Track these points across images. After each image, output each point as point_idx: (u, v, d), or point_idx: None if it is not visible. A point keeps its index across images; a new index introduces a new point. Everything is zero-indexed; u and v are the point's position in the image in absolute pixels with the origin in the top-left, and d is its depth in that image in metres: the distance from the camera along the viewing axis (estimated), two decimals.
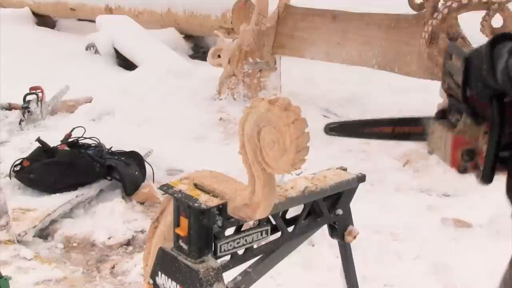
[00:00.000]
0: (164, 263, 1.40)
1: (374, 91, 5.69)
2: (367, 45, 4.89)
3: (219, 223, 1.33)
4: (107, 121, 5.26)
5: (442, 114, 1.23)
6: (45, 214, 3.31)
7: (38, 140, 3.95)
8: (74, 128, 4.24)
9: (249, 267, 1.54)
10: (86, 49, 7.94)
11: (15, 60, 6.87)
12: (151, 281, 1.44)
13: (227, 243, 1.39)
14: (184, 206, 1.34)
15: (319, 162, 2.63)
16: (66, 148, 3.97)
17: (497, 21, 3.40)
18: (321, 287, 2.72)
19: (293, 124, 1.11)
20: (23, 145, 4.55)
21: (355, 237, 1.70)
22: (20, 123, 5.10)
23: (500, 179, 4.01)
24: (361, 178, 1.66)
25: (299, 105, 1.13)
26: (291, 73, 6.11)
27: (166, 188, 1.42)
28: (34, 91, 5.25)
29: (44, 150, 3.90)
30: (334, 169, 1.67)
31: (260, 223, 1.45)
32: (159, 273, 1.41)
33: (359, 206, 1.85)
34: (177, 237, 1.38)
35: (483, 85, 1.07)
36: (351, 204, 1.69)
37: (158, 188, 2.93)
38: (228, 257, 1.46)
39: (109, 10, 9.11)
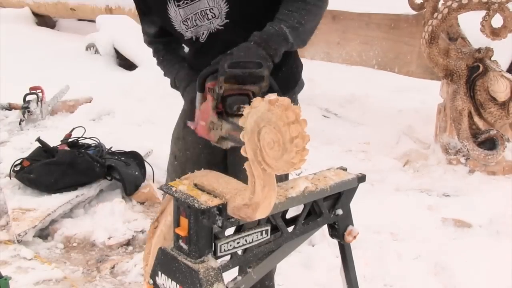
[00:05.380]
0: (164, 263, 1.40)
1: (374, 91, 5.69)
2: (367, 45, 4.89)
3: (219, 223, 1.33)
4: (107, 121, 5.27)
5: None
6: (45, 214, 3.32)
7: (38, 140, 3.95)
8: (74, 128, 4.25)
9: (249, 267, 1.54)
10: (86, 49, 7.94)
11: (15, 60, 6.88)
12: (151, 281, 1.44)
13: (227, 243, 1.39)
14: (184, 206, 1.35)
15: (319, 162, 2.64)
16: (66, 148, 3.97)
17: (497, 21, 3.40)
18: (321, 287, 2.72)
19: (293, 124, 1.11)
20: (23, 145, 4.56)
21: (355, 237, 1.70)
22: (20, 123, 5.11)
23: (499, 179, 4.02)
24: (361, 178, 1.65)
25: (299, 105, 1.13)
26: None
27: (166, 188, 1.42)
28: (34, 91, 5.26)
29: (44, 150, 3.90)
30: (334, 169, 1.67)
31: (260, 223, 1.45)
32: (159, 273, 1.41)
33: (359, 206, 1.85)
34: (177, 237, 1.38)
35: None
36: (351, 204, 1.69)
37: (158, 188, 2.93)
38: (228, 257, 1.46)
39: (109, 10, 9.11)
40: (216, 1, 1.80)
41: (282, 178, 1.72)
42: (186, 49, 2.06)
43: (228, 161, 2.06)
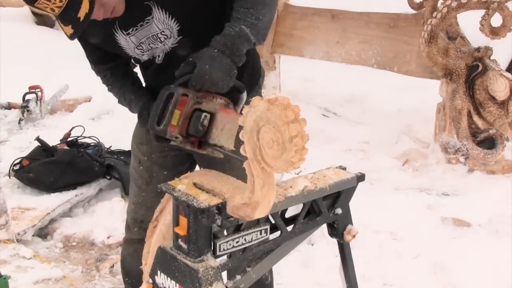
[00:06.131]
0: (163, 262, 1.40)
1: (373, 90, 5.69)
2: (366, 44, 4.89)
3: (218, 222, 1.33)
4: (106, 120, 5.26)
5: None
6: (45, 213, 3.31)
7: (38, 139, 3.95)
8: (73, 127, 4.25)
9: (248, 266, 1.54)
10: None
11: (15, 60, 6.87)
12: (151, 280, 1.44)
13: (226, 242, 1.39)
14: (183, 205, 1.34)
15: (318, 161, 2.63)
16: (66, 147, 3.97)
17: (496, 20, 3.40)
18: (320, 286, 2.72)
19: (293, 123, 1.11)
20: (23, 144, 4.56)
21: (354, 236, 1.70)
22: (19, 122, 5.11)
23: (498, 178, 4.02)
24: (361, 178, 1.65)
25: (299, 104, 1.13)
26: (290, 72, 6.11)
27: (165, 187, 1.42)
28: (34, 90, 5.25)
29: (43, 149, 3.90)
30: (334, 168, 1.67)
31: (260, 222, 1.45)
32: (159, 272, 1.41)
33: (359, 205, 1.85)
34: (176, 236, 1.38)
35: None
36: (351, 203, 1.69)
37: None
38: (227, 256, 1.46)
39: None
40: (165, 23, 1.76)
41: None
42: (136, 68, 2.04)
43: (198, 162, 2.05)
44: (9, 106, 5.44)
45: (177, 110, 1.61)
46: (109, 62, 1.98)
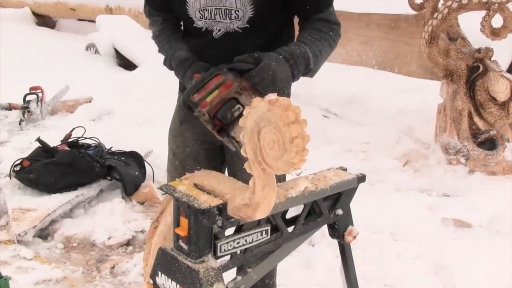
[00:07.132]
0: (164, 263, 1.40)
1: (374, 91, 5.69)
2: (367, 45, 4.89)
3: (219, 223, 1.33)
4: (107, 121, 5.27)
5: None
6: (45, 214, 3.31)
7: (38, 140, 3.95)
8: (74, 128, 4.24)
9: (249, 267, 1.54)
10: (86, 49, 7.95)
11: (15, 60, 6.88)
12: (151, 281, 1.44)
13: (227, 243, 1.39)
14: (184, 206, 1.35)
15: (319, 162, 2.64)
16: (66, 148, 3.97)
17: (497, 21, 3.40)
18: (321, 287, 2.72)
19: (293, 124, 1.11)
20: (23, 145, 4.56)
21: (355, 237, 1.70)
22: (20, 123, 5.11)
23: (499, 179, 4.02)
24: (361, 178, 1.66)
25: (299, 105, 1.13)
26: None
27: (166, 188, 1.42)
28: (34, 91, 5.26)
29: (44, 150, 3.90)
30: (334, 169, 1.67)
31: (260, 223, 1.46)
32: (159, 273, 1.42)
33: (359, 206, 1.85)
34: (177, 237, 1.38)
35: None
36: (351, 204, 1.69)
37: (158, 188, 2.93)
38: (228, 257, 1.46)
39: (109, 10, 9.12)
40: (243, 4, 1.76)
41: (280, 179, 1.73)
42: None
43: (226, 158, 2.07)
44: (9, 107, 5.45)
45: (217, 91, 1.62)
46: (163, 10, 1.96)
